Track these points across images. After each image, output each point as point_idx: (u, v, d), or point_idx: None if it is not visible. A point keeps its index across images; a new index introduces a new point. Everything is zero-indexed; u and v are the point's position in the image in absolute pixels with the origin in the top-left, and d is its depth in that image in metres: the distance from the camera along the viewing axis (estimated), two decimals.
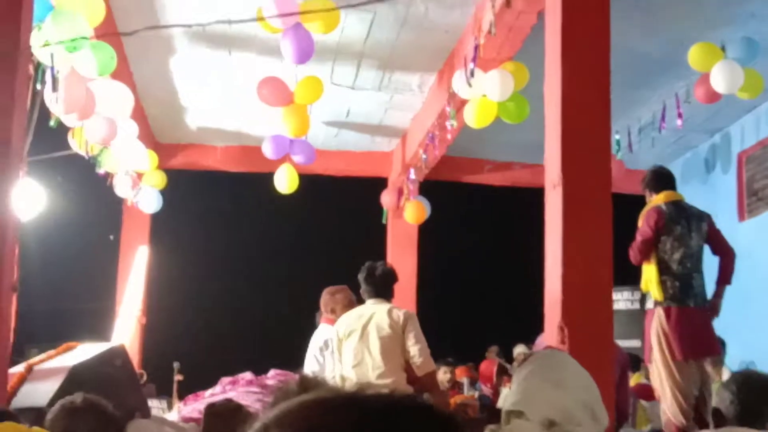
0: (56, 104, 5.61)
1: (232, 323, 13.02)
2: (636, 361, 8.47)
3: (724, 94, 6.72)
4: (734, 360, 7.76)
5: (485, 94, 6.52)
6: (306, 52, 5.88)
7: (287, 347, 6.73)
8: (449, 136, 7.77)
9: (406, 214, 9.46)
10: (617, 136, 7.83)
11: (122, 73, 6.90)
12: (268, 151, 7.83)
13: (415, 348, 5.26)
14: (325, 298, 6.35)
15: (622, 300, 10.12)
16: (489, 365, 9.16)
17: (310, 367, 6.13)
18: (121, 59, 6.44)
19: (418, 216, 9.41)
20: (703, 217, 6.34)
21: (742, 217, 9.06)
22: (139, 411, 4.73)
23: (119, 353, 5.05)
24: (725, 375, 7.40)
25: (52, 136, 7.08)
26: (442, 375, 8.19)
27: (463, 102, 6.85)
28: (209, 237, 13.12)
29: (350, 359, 5.34)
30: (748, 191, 9.05)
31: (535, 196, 7.03)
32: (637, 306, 10.53)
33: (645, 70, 7.51)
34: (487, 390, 9.11)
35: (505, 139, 8.93)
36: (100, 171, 7.76)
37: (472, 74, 6.33)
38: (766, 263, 8.40)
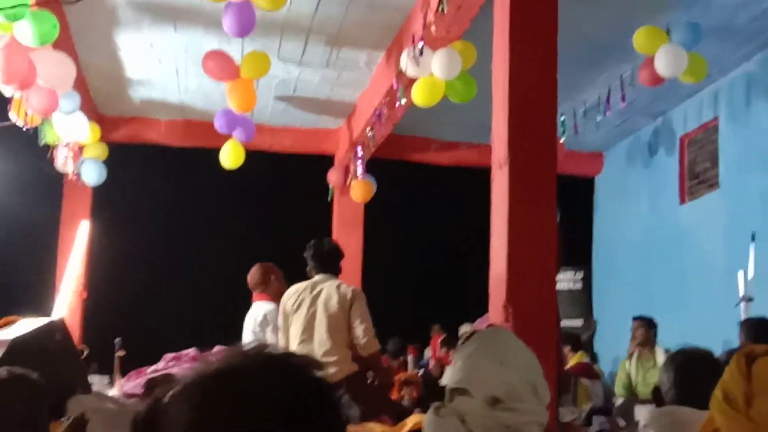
0: None
1: (176, 299, 12.90)
2: (578, 341, 8.60)
3: (668, 77, 6.81)
4: (671, 341, 7.89)
5: (433, 72, 6.51)
6: (246, 26, 5.78)
7: (232, 324, 6.69)
8: (398, 114, 7.76)
9: (352, 193, 9.44)
10: (563, 118, 7.90)
11: (64, 43, 6.75)
12: (219, 126, 7.74)
13: (360, 328, 5.27)
14: (256, 275, 6.32)
15: (564, 280, 10.26)
16: (436, 341, 9.23)
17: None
18: (63, 29, 6.30)
19: (364, 194, 9.40)
20: None
21: (683, 199, 9.22)
22: (80, 387, 4.67)
23: (59, 328, 4.95)
24: (659, 356, 7.56)
25: None
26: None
27: (411, 80, 6.84)
28: (152, 212, 12.95)
29: (297, 335, 5.33)
30: (690, 174, 9.21)
31: (481, 176, 7.08)
32: (579, 286, 10.69)
33: (591, 52, 7.57)
34: (433, 365, 9.17)
35: (453, 118, 8.95)
36: (41, 143, 7.61)
37: (420, 52, 6.32)
38: (705, 245, 8.57)
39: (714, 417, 1.69)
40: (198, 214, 13.19)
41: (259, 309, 6.22)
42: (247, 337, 6.19)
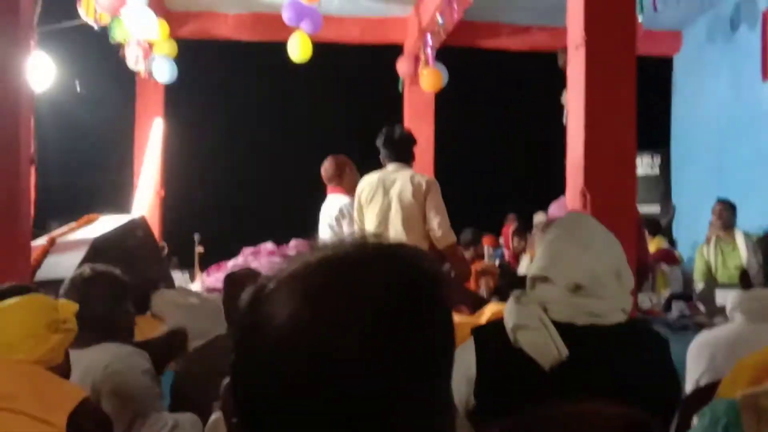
0: None
1: (250, 194, 13.05)
2: (656, 226, 8.48)
3: None
4: (750, 225, 7.72)
5: None
6: None
7: (307, 217, 6.72)
8: None
9: (422, 82, 9.32)
10: None
11: None
12: (287, 17, 7.63)
13: (435, 220, 5.23)
14: (330, 168, 6.29)
15: (642, 165, 10.06)
16: (508, 230, 9.20)
17: (324, 237, 6.12)
18: None
19: (434, 84, 9.27)
20: None
21: (766, 77, 8.87)
22: (162, 282, 4.77)
23: (140, 225, 5.05)
24: (739, 239, 7.40)
25: (61, 5, 6.93)
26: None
27: None
28: (223, 108, 13.00)
29: (372, 226, 5.32)
30: None
31: (555, 61, 6.88)
32: (656, 171, 10.49)
33: None
34: (508, 255, 9.16)
35: (524, 1, 8.69)
36: (112, 41, 7.63)
37: None
38: None
39: None
40: (268, 109, 13.20)
41: (334, 202, 6.21)
42: (324, 230, 6.21)
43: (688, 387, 2.75)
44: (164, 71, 8.80)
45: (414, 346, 0.95)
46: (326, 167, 6.30)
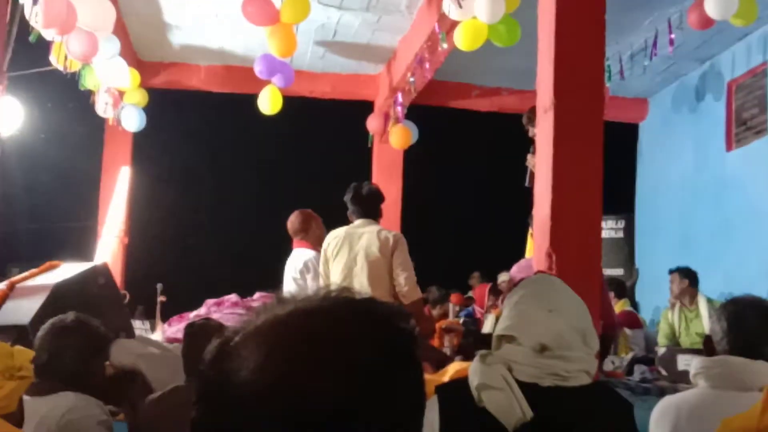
0: (36, 18, 5.45)
1: (216, 245, 12.98)
2: (622, 288, 8.53)
3: (718, 20, 6.61)
4: (714, 290, 7.81)
5: (476, 15, 6.38)
6: None
7: (273, 270, 6.69)
8: (439, 59, 7.64)
9: (391, 139, 9.37)
10: (608, 63, 7.73)
11: None
12: (259, 71, 7.69)
13: (402, 276, 5.22)
14: (296, 222, 6.29)
15: (607, 229, 10.14)
16: (483, 290, 9.17)
17: (289, 291, 6.09)
18: None
19: (403, 141, 9.33)
20: None
21: (729, 146, 9.03)
22: (123, 331, 4.71)
23: (102, 272, 4.99)
24: (702, 305, 7.47)
25: (32, 51, 6.90)
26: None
27: (453, 24, 6.71)
28: (192, 158, 12.98)
29: (337, 281, 5.30)
30: (737, 120, 9.01)
31: (523, 123, 6.95)
32: (621, 234, 10.57)
33: None
34: (480, 313, 9.13)
35: (494, 64, 8.81)
36: (82, 88, 7.61)
37: None
38: (752, 193, 8.41)
39: None
40: (237, 160, 13.20)
41: (299, 256, 6.20)
42: (288, 283, 6.19)
43: None
44: (133, 120, 8.78)
45: (388, 405, 0.92)
46: (292, 221, 6.30)
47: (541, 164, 4.67)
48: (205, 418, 0.95)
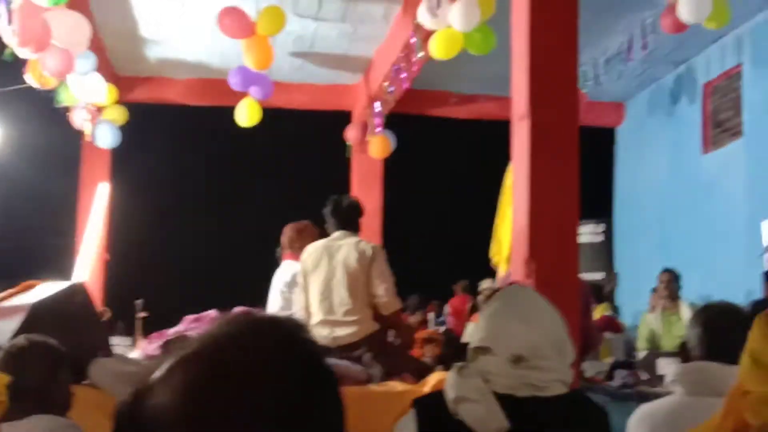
0: (11, 36, 5.43)
1: (196, 260, 12.94)
2: (599, 293, 8.55)
3: (691, 23, 6.65)
4: (692, 294, 7.83)
5: (451, 24, 6.40)
6: None
7: (252, 284, 6.67)
8: (416, 68, 7.65)
9: (370, 149, 9.37)
10: (583, 68, 7.77)
11: (79, 3, 6.67)
12: (234, 83, 7.68)
13: (381, 287, 5.20)
14: (291, 234, 6.25)
15: (586, 233, 10.18)
16: (460, 301, 9.18)
17: (274, 304, 6.06)
18: None
19: (382, 150, 9.33)
20: None
21: (706, 149, 9.09)
22: (101, 350, 4.67)
23: (79, 291, 4.95)
24: (684, 309, 7.48)
25: (7, 69, 6.88)
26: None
27: (429, 33, 6.73)
28: (171, 172, 12.95)
29: (317, 294, 5.28)
30: (713, 123, 9.07)
31: (501, 129, 6.97)
32: (600, 239, 10.62)
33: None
34: (452, 323, 9.14)
35: (471, 71, 8.84)
36: (58, 105, 7.58)
37: (438, 4, 6.20)
38: (729, 195, 8.46)
39: (744, 381, 1.63)
40: (216, 173, 13.18)
41: (287, 269, 6.14)
42: (274, 296, 6.14)
43: None
44: (106, 137, 8.71)
45: (308, 425, 0.90)
46: (285, 233, 6.24)
47: (518, 171, 4.69)
48: None
